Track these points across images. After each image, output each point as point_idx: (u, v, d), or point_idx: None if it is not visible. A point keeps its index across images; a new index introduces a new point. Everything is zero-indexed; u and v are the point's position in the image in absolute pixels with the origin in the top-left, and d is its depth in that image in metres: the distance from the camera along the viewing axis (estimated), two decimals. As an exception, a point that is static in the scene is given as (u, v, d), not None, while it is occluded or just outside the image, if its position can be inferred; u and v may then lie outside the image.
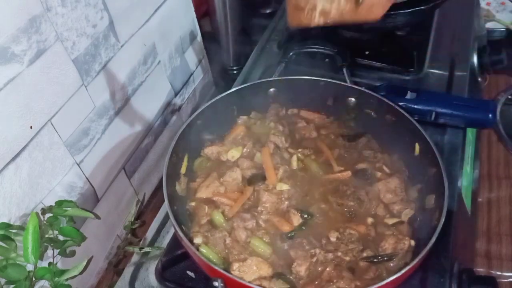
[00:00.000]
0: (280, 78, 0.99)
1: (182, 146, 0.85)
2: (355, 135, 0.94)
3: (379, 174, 0.87)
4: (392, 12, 1.07)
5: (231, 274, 0.69)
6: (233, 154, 0.88)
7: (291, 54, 1.08)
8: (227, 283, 0.68)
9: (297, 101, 0.98)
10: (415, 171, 0.86)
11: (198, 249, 0.73)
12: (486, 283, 0.78)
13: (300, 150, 0.90)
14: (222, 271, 0.67)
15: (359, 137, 0.94)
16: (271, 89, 0.96)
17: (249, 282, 0.70)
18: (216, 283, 0.67)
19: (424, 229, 0.77)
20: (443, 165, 0.77)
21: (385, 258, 0.75)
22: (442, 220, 0.70)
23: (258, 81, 0.98)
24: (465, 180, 0.97)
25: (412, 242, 0.76)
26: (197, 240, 0.77)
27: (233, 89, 0.93)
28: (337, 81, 0.94)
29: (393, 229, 0.79)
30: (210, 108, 0.90)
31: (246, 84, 0.95)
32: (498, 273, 0.97)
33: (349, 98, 0.94)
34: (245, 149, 0.89)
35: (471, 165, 1.01)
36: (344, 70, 1.02)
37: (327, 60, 1.09)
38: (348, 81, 0.99)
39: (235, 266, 0.73)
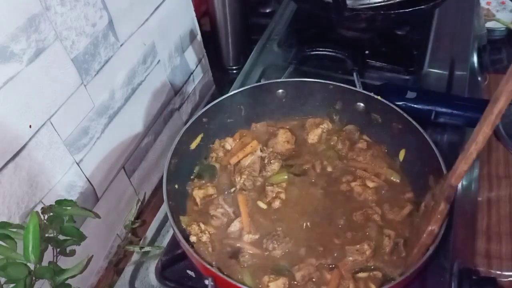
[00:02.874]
0: (289, 79, 0.99)
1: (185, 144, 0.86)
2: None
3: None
4: (392, 12, 1.07)
5: (222, 273, 0.70)
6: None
7: (301, 56, 1.08)
8: (217, 281, 0.69)
9: (305, 104, 0.97)
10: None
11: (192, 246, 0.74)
12: (487, 284, 0.78)
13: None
14: (213, 269, 0.68)
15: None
16: (280, 90, 0.96)
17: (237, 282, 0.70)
18: (207, 281, 0.69)
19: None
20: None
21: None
22: (442, 232, 0.70)
23: (267, 82, 0.98)
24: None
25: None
26: (192, 238, 0.78)
27: (241, 89, 0.93)
28: (346, 85, 0.93)
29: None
30: (217, 107, 0.90)
31: (254, 84, 0.96)
32: (498, 272, 0.97)
33: (358, 103, 0.94)
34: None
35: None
36: (355, 75, 1.01)
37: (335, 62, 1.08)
38: (357, 85, 0.99)
39: None
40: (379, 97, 0.90)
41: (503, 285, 0.83)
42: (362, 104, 0.93)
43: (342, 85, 0.93)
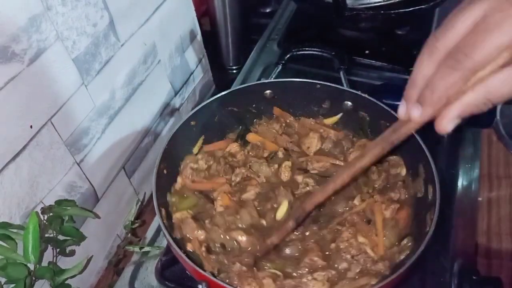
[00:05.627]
0: (275, 80, 0.99)
1: (175, 149, 0.86)
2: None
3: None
4: (392, 11, 1.07)
5: (215, 278, 0.69)
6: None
7: (288, 56, 1.08)
8: (212, 286, 0.68)
9: (293, 104, 0.98)
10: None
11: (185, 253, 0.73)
12: (487, 284, 0.78)
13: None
14: (206, 274, 0.68)
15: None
16: (267, 91, 0.96)
17: (232, 286, 0.70)
18: (200, 286, 0.68)
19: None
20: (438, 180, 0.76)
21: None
22: (432, 228, 0.70)
23: (253, 83, 0.99)
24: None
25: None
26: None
27: (226, 91, 0.93)
28: (332, 84, 0.93)
29: None
30: (204, 110, 0.90)
31: (240, 86, 0.95)
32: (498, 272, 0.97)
33: (345, 102, 0.94)
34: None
35: (471, 164, 1.01)
36: (341, 73, 1.02)
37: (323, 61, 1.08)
38: (345, 84, 0.99)
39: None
40: (366, 95, 0.90)
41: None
42: (349, 103, 0.93)
43: (329, 84, 0.93)
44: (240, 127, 0.97)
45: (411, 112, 0.58)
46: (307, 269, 0.74)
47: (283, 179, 0.87)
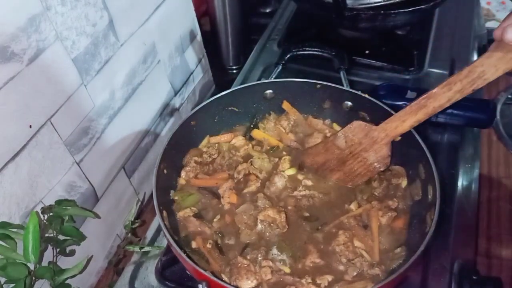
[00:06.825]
0: (276, 80, 0.99)
1: (175, 149, 0.86)
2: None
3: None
4: (392, 11, 1.07)
5: (215, 277, 0.69)
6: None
7: (288, 56, 1.08)
8: (212, 286, 0.68)
9: (294, 103, 0.98)
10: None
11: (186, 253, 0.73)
12: (487, 284, 0.78)
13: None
14: (207, 274, 0.68)
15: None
16: (268, 91, 0.96)
17: (232, 285, 0.70)
18: (200, 286, 0.68)
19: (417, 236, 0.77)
20: (437, 178, 0.76)
21: None
22: (433, 228, 0.70)
23: (253, 83, 0.98)
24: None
25: None
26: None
27: (226, 91, 0.93)
28: (332, 84, 0.93)
29: None
30: (204, 110, 0.90)
31: (240, 86, 0.95)
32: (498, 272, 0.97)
33: (345, 102, 0.94)
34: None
35: (471, 164, 1.01)
36: (341, 74, 1.02)
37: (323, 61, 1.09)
38: (345, 84, 0.99)
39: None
40: (366, 95, 0.90)
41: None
42: (349, 103, 0.94)
43: (329, 84, 0.93)
44: (254, 120, 0.98)
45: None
46: (308, 269, 0.75)
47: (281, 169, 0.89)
